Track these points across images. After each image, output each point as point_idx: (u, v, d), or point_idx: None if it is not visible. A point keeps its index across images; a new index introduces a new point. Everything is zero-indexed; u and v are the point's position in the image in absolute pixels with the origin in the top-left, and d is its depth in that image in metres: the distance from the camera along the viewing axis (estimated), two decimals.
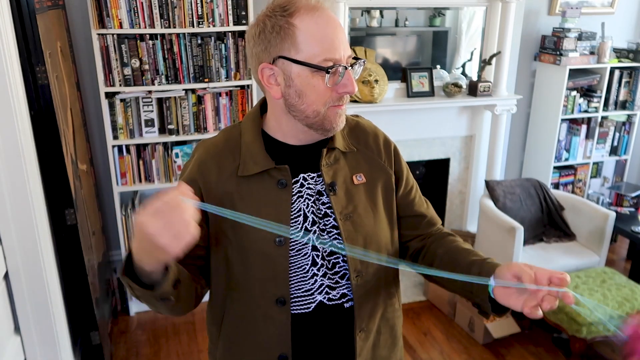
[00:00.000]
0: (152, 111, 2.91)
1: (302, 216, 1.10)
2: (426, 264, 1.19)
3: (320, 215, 1.11)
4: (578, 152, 3.87)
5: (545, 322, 2.94)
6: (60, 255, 2.20)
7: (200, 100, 2.97)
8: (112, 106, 2.83)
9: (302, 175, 1.11)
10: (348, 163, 1.14)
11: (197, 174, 1.09)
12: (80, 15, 2.92)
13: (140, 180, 3.00)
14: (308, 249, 1.10)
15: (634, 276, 3.26)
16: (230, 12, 2.84)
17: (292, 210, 1.09)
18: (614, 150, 3.99)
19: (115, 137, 2.88)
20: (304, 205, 1.10)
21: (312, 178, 1.11)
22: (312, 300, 1.10)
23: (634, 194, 3.79)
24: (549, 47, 3.65)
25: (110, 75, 2.78)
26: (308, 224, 1.10)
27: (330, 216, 1.11)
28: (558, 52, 3.57)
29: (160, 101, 2.91)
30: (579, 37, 3.57)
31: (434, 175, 3.76)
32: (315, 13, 1.00)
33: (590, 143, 3.86)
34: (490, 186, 3.29)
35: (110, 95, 2.83)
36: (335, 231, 1.10)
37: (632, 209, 3.74)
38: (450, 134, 3.54)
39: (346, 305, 1.13)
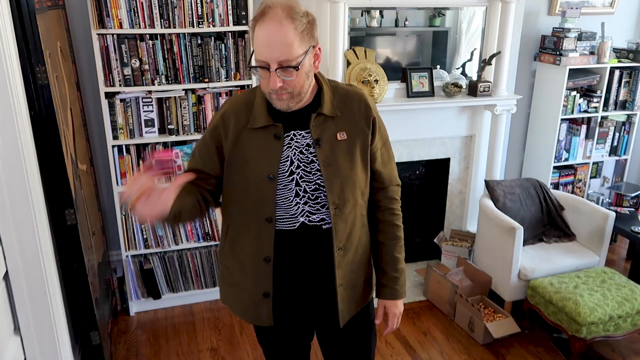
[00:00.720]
0: (152, 111, 2.92)
1: (289, 161, 1.49)
2: (375, 229, 1.67)
3: (307, 162, 1.49)
4: (578, 152, 3.87)
5: (545, 322, 2.94)
6: (60, 255, 2.20)
7: (200, 100, 2.97)
8: (112, 106, 2.83)
9: (292, 132, 1.49)
10: (334, 124, 1.51)
11: (221, 120, 1.51)
12: (80, 15, 2.92)
13: None
14: (292, 185, 1.49)
15: (634, 276, 3.27)
16: (230, 12, 2.85)
17: (282, 157, 1.48)
18: (613, 150, 3.99)
19: (115, 137, 2.88)
20: (292, 153, 1.49)
21: (300, 134, 1.50)
22: (296, 221, 1.51)
23: (633, 194, 3.79)
24: (549, 47, 3.65)
25: (110, 75, 2.78)
26: (294, 167, 1.49)
27: (315, 162, 1.49)
28: (558, 52, 3.57)
29: (160, 101, 2.91)
30: (579, 37, 3.57)
31: (434, 175, 3.76)
32: (264, 23, 1.33)
33: (590, 143, 3.87)
34: (490, 186, 3.29)
35: (110, 95, 2.83)
36: (319, 174, 1.49)
37: (632, 209, 3.74)
38: (450, 134, 3.54)
39: (324, 227, 1.52)
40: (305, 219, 1.51)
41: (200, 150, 1.55)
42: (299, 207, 1.50)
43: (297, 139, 1.49)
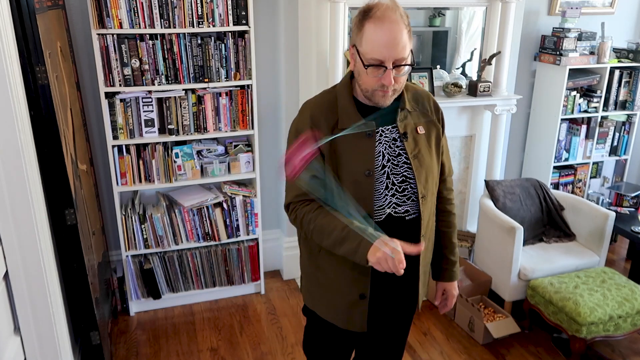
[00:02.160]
0: (152, 111, 2.91)
1: (381, 156, 1.55)
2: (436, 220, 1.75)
3: (395, 155, 1.56)
4: (578, 152, 3.87)
5: (545, 322, 2.95)
6: (60, 255, 2.20)
7: (200, 100, 2.97)
8: (112, 106, 2.83)
9: (380, 128, 1.56)
10: (412, 119, 1.60)
11: (311, 123, 1.54)
12: (80, 15, 2.92)
13: (140, 180, 3.00)
14: (384, 179, 1.55)
15: (634, 276, 3.27)
16: (230, 12, 2.84)
17: (375, 152, 1.54)
18: (613, 150, 3.99)
19: (115, 137, 2.88)
20: (383, 148, 1.56)
21: (387, 130, 1.56)
22: (382, 213, 1.57)
23: (633, 194, 3.79)
24: (549, 47, 3.65)
25: (110, 75, 2.78)
26: (385, 161, 1.56)
27: (402, 155, 1.57)
28: (558, 52, 3.57)
29: (160, 101, 2.91)
30: (579, 37, 3.57)
31: None
32: (380, 23, 1.39)
33: (590, 143, 3.87)
34: (490, 186, 3.29)
35: (110, 95, 2.83)
36: (406, 166, 1.57)
37: (632, 209, 3.74)
38: (450, 134, 3.54)
39: (407, 217, 1.59)
40: (392, 211, 1.57)
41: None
42: (387, 199, 1.56)
43: (385, 134, 1.56)
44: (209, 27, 2.83)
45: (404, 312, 1.76)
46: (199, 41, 2.86)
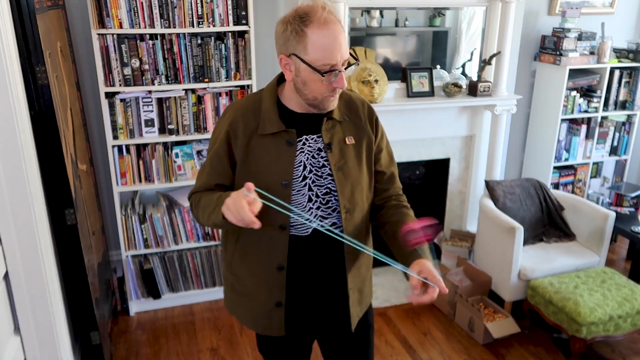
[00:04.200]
0: (152, 111, 2.91)
1: (302, 166, 1.47)
2: (380, 222, 1.60)
3: (319, 166, 1.48)
4: (578, 152, 3.87)
5: (545, 322, 2.95)
6: (60, 255, 2.20)
7: (200, 100, 2.97)
8: (112, 106, 2.83)
9: (304, 136, 1.48)
10: (342, 128, 1.52)
11: (228, 127, 1.47)
12: (80, 15, 2.92)
13: (140, 180, 3.00)
14: (305, 190, 1.48)
15: (634, 276, 3.27)
16: (230, 12, 2.84)
17: (295, 162, 1.46)
18: (613, 150, 3.99)
19: (115, 137, 2.88)
20: (304, 158, 1.48)
21: (312, 139, 1.49)
22: (309, 227, 1.49)
23: (633, 194, 3.79)
24: (549, 47, 3.65)
25: (110, 75, 2.78)
26: (306, 172, 1.48)
27: (327, 167, 1.49)
28: (558, 52, 3.57)
29: (160, 101, 2.91)
30: (579, 37, 3.57)
31: (434, 175, 3.76)
32: (324, 28, 1.33)
33: (590, 143, 3.87)
34: (490, 186, 3.29)
35: (110, 95, 2.83)
36: (330, 178, 1.49)
37: (632, 209, 3.74)
38: (450, 134, 3.54)
39: (336, 230, 1.49)
40: (318, 225, 1.50)
41: (212, 163, 1.50)
42: (312, 212, 1.49)
43: (309, 143, 1.49)
44: (209, 27, 2.83)
45: (340, 326, 1.63)
46: (199, 41, 2.86)
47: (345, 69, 1.40)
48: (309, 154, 1.48)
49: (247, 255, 1.56)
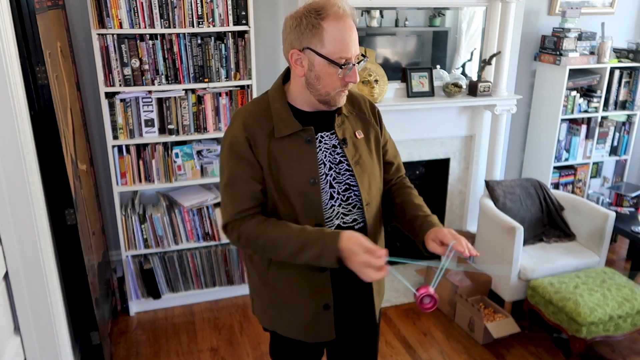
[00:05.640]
0: (152, 111, 2.91)
1: (322, 164, 1.47)
2: (387, 206, 1.64)
3: (336, 162, 1.49)
4: (578, 152, 3.87)
5: (545, 322, 2.95)
6: (60, 255, 2.20)
7: (200, 100, 2.97)
8: (112, 106, 2.83)
9: (319, 134, 1.48)
10: (350, 123, 1.54)
11: (245, 132, 1.42)
12: (80, 15, 2.92)
13: (140, 180, 3.00)
14: (327, 188, 1.47)
15: (634, 276, 3.26)
16: (230, 12, 2.84)
17: (318, 160, 1.46)
18: (613, 150, 3.99)
19: (115, 137, 2.88)
20: (323, 155, 1.48)
21: (327, 136, 1.49)
22: (331, 224, 1.49)
23: (633, 194, 3.79)
24: (549, 47, 3.65)
25: (110, 75, 2.78)
26: (326, 169, 1.47)
27: (344, 162, 1.49)
28: (558, 52, 3.57)
29: (160, 101, 2.91)
30: (579, 37, 3.57)
31: (434, 175, 3.76)
32: (340, 21, 1.34)
33: (590, 143, 3.87)
34: (490, 186, 3.29)
35: (110, 95, 2.83)
36: (348, 173, 1.50)
37: (632, 209, 3.74)
38: (450, 134, 3.54)
39: (356, 227, 1.51)
40: (340, 221, 1.50)
41: (243, 175, 1.43)
42: (334, 209, 1.49)
43: (324, 140, 1.49)
44: (209, 27, 2.83)
45: (365, 319, 1.67)
46: (199, 41, 2.86)
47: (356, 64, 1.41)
48: (326, 151, 1.48)
49: (286, 263, 1.48)
